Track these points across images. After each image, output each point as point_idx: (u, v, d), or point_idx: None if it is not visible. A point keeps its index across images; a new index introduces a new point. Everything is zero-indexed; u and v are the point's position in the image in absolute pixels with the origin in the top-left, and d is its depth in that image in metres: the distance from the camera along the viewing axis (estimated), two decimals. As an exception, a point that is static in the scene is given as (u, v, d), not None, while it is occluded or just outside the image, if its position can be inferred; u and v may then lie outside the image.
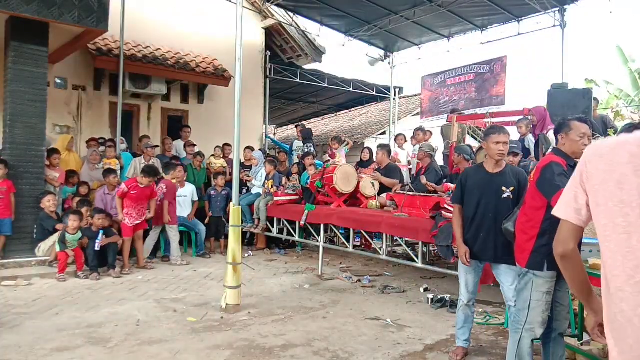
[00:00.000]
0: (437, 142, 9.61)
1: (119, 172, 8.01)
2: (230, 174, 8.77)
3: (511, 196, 3.52)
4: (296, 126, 11.53)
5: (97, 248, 6.19)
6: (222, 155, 9.60)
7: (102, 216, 6.46)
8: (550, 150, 3.36)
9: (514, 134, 7.76)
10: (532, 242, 2.97)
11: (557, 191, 2.78)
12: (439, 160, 8.94)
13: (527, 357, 2.99)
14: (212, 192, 8.34)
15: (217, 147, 9.71)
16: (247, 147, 9.71)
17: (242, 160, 9.49)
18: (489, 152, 3.64)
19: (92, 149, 8.30)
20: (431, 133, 9.61)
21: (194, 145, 9.41)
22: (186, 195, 7.89)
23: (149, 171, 6.84)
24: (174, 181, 7.59)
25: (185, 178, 8.03)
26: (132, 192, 6.66)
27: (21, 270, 6.18)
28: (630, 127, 2.28)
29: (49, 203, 6.58)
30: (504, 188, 3.52)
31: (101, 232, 6.30)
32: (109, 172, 7.48)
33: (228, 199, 8.09)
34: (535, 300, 2.96)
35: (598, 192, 1.44)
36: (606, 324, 1.40)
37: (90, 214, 6.60)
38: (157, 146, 8.64)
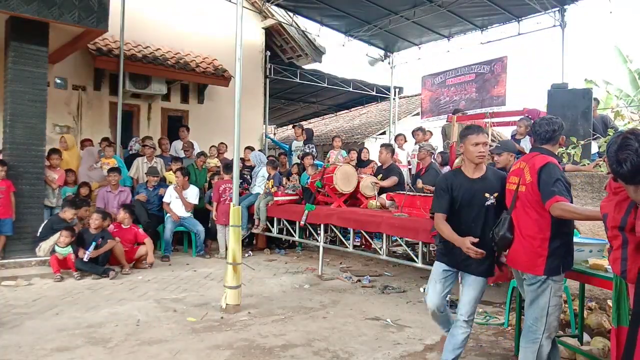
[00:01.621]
0: (436, 142, 9.63)
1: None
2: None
3: (495, 203, 3.21)
4: (294, 126, 11.53)
5: (85, 259, 6.10)
6: (217, 155, 9.59)
7: (99, 217, 6.45)
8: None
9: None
10: (546, 246, 2.86)
11: (552, 197, 2.80)
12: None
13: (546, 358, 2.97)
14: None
15: (212, 146, 9.71)
16: (247, 147, 9.70)
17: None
18: (468, 155, 3.28)
19: (94, 148, 8.31)
20: (431, 133, 9.62)
21: (188, 150, 9.32)
22: (186, 197, 7.87)
23: (130, 210, 6.90)
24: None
25: (187, 180, 8.01)
26: (115, 230, 6.71)
27: (21, 270, 6.18)
28: (619, 136, 2.27)
29: (69, 214, 6.55)
30: (486, 194, 3.20)
31: (93, 243, 6.19)
32: (112, 170, 7.63)
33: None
34: (553, 305, 2.90)
35: None
36: None
37: (89, 212, 6.71)
38: (145, 144, 8.71)
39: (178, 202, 7.80)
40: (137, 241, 6.90)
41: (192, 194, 7.95)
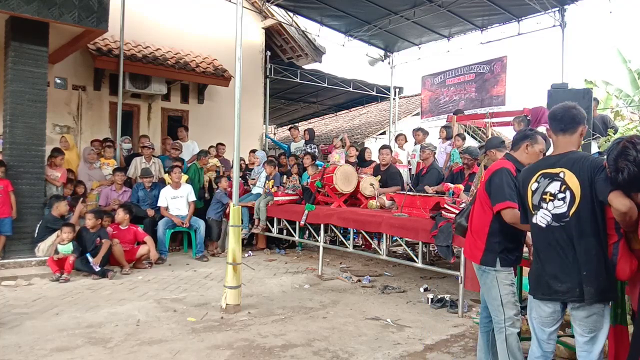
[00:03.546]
0: (435, 143, 9.62)
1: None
2: (224, 172, 8.86)
3: None
4: (290, 128, 11.52)
5: (97, 268, 6.08)
6: (215, 155, 9.57)
7: (92, 216, 6.46)
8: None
9: (512, 133, 7.81)
10: (484, 240, 3.05)
11: (503, 202, 2.92)
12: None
13: (517, 351, 3.00)
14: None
15: (212, 146, 9.71)
16: (252, 151, 9.65)
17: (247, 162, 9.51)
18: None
19: (89, 147, 8.32)
20: (428, 133, 9.60)
21: (178, 149, 9.27)
22: (182, 195, 7.87)
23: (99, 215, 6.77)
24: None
25: (181, 179, 7.99)
26: (114, 232, 6.68)
27: (21, 270, 6.18)
28: (619, 143, 2.33)
29: (63, 209, 6.57)
30: None
31: (88, 254, 6.16)
32: (117, 170, 7.79)
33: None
34: (505, 294, 3.02)
35: None
36: None
37: (86, 209, 6.87)
38: (145, 145, 8.71)
39: (175, 202, 7.78)
40: (137, 240, 6.90)
41: (185, 192, 7.90)
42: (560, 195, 2.49)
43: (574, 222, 2.45)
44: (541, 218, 2.56)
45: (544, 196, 2.55)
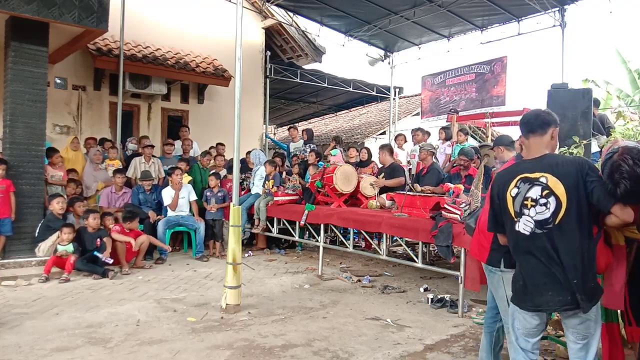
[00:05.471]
0: (435, 143, 9.64)
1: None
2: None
3: None
4: (288, 128, 11.53)
5: (110, 261, 6.24)
6: (216, 155, 9.57)
7: (97, 215, 6.52)
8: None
9: (514, 133, 7.81)
10: (490, 240, 3.03)
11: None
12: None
13: None
14: (208, 194, 8.28)
15: (212, 147, 9.70)
16: (248, 152, 9.61)
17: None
18: None
19: (95, 149, 8.32)
20: (429, 134, 9.62)
21: (189, 145, 9.29)
22: (183, 196, 7.85)
23: (130, 217, 6.85)
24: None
25: (182, 180, 7.97)
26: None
27: (21, 270, 6.18)
28: (612, 155, 2.34)
29: (57, 205, 6.58)
30: None
31: (95, 253, 6.22)
32: (117, 172, 7.74)
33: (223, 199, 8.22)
34: (511, 295, 2.98)
35: None
36: None
37: (83, 208, 6.91)
38: (147, 144, 8.71)
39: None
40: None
41: (184, 192, 7.87)
42: (542, 201, 2.40)
43: (559, 228, 2.38)
44: (524, 225, 2.46)
45: (525, 202, 2.45)
